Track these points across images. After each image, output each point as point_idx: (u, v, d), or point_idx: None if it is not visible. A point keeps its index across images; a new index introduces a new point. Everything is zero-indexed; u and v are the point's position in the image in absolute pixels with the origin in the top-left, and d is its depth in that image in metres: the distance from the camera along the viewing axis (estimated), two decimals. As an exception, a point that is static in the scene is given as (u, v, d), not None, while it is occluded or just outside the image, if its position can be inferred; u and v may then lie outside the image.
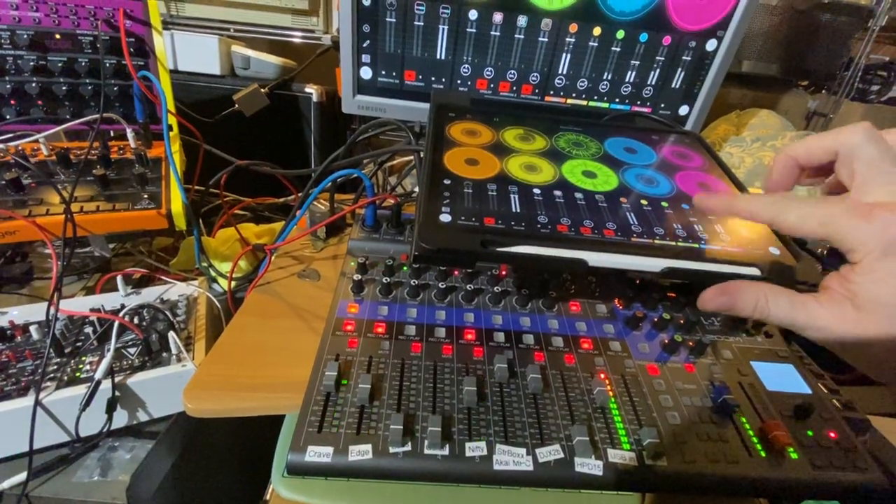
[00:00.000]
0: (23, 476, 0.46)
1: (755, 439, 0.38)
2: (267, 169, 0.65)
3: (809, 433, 0.39)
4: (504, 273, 0.50)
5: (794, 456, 0.37)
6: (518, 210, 0.38)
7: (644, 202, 0.42)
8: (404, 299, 0.46)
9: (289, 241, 0.56)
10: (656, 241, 0.37)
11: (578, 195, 0.41)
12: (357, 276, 0.46)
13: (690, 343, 0.45)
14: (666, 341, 0.45)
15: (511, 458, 0.34)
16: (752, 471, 0.36)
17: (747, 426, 0.39)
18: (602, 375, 0.41)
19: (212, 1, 0.97)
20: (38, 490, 0.47)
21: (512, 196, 0.39)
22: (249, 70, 0.93)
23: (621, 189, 0.43)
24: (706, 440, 0.37)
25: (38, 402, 0.45)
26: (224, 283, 0.67)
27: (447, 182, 0.39)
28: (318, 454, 0.33)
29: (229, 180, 0.72)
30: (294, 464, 0.33)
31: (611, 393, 0.39)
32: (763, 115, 0.92)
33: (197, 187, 0.74)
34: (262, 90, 0.90)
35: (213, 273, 0.66)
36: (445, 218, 0.35)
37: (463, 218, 0.36)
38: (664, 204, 0.42)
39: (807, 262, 0.36)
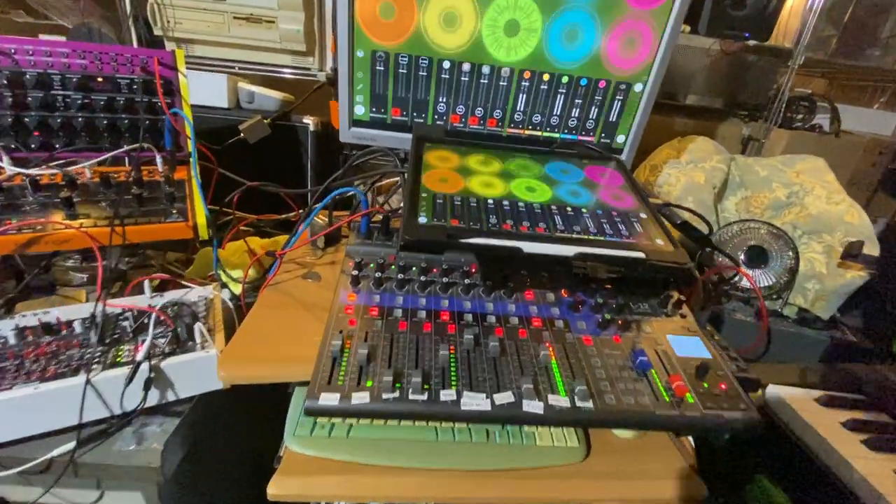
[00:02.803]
0: (71, 445, 0.55)
1: (662, 389, 0.50)
2: (273, 189, 0.77)
3: (705, 384, 0.51)
4: (474, 270, 0.62)
5: (690, 400, 0.49)
6: (475, 214, 0.50)
7: (569, 209, 0.55)
8: (392, 290, 0.57)
9: (295, 247, 0.67)
10: (574, 235, 0.49)
11: (520, 205, 0.54)
12: (355, 273, 0.58)
13: (619, 321, 0.57)
14: (600, 320, 0.57)
15: (474, 402, 0.45)
16: (658, 410, 0.47)
17: (657, 380, 0.51)
18: (547, 345, 0.52)
19: (220, 44, 1.10)
20: (84, 458, 0.56)
21: (471, 205, 0.52)
22: (254, 103, 1.06)
23: (553, 200, 0.56)
24: (625, 391, 0.49)
25: (88, 381, 0.55)
26: (234, 287, 0.77)
27: (424, 195, 0.52)
28: (328, 399, 0.43)
29: (238, 201, 0.83)
30: (310, 407, 0.43)
31: (553, 357, 0.51)
32: (700, 141, 1.08)
33: (210, 206, 0.85)
34: (265, 121, 1.02)
35: (226, 279, 0.76)
36: (422, 219, 0.48)
37: (435, 219, 0.48)
38: (584, 210, 0.55)
39: (680, 252, 0.49)
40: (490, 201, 0.55)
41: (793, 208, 0.88)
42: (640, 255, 0.48)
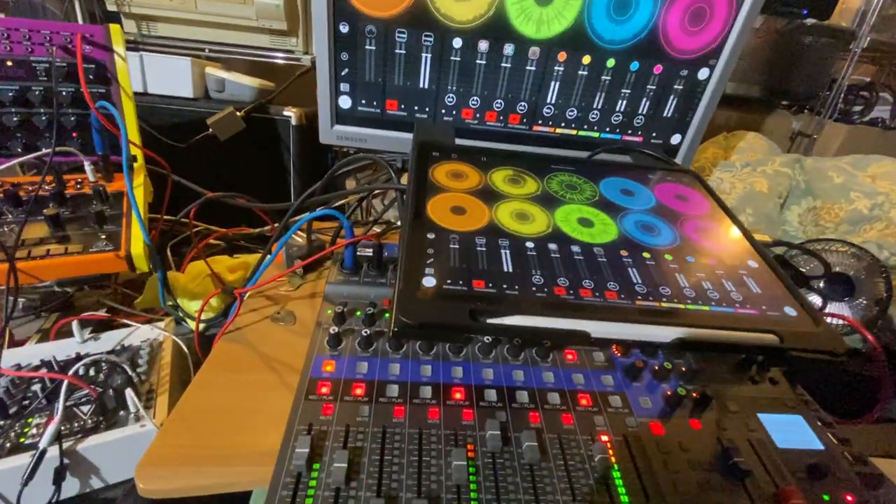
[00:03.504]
0: (-46, 560, 0.41)
1: (770, 509, 0.35)
2: (241, 202, 0.61)
3: (826, 497, 0.36)
4: (494, 319, 0.46)
5: (812, 527, 0.34)
6: (510, 269, 0.35)
7: (646, 255, 0.39)
8: (386, 353, 0.42)
9: (261, 283, 0.52)
10: (663, 304, 0.34)
11: (575, 248, 0.38)
12: (334, 329, 0.42)
13: (694, 395, 0.42)
14: (668, 393, 0.42)
15: (506, 548, 0.30)
16: (770, 548, 0.33)
17: (760, 494, 0.36)
18: (603, 437, 0.37)
19: (187, 21, 0.93)
20: (-28, 576, 0.42)
21: (503, 252, 0.36)
22: (224, 93, 0.89)
23: (621, 240, 0.40)
24: (718, 513, 0.34)
25: (-28, 477, 0.40)
26: (193, 324, 0.62)
27: (431, 236, 0.36)
28: (286, 552, 0.28)
29: (202, 208, 0.68)
30: (258, 565, 0.28)
31: (613, 459, 0.36)
32: (751, 139, 0.91)
33: (167, 217, 0.70)
34: (238, 113, 0.86)
35: (180, 314, 0.61)
36: (429, 282, 0.32)
37: (449, 281, 0.32)
38: (668, 256, 0.39)
39: (827, 328, 0.34)
40: (530, 244, 0.38)
41: (876, 223, 0.72)
42: (772, 338, 0.32)
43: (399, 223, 0.68)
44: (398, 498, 0.31)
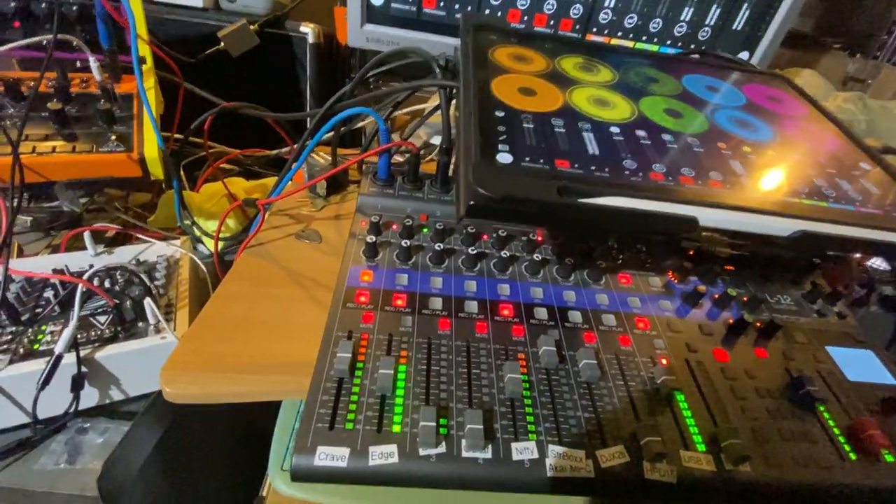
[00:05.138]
0: (-26, 462, 0.39)
1: (842, 439, 0.32)
2: (258, 112, 0.56)
3: (902, 431, 0.33)
4: (541, 238, 0.43)
5: (889, 459, 0.31)
6: (597, 152, 0.30)
7: (747, 149, 0.34)
8: (426, 266, 0.39)
9: (284, 195, 0.48)
10: (776, 197, 0.29)
11: (667, 136, 0.33)
12: (370, 238, 0.39)
13: (758, 324, 0.39)
14: (731, 321, 0.38)
15: (568, 463, 0.27)
16: (845, 477, 0.30)
17: (832, 423, 0.33)
18: (664, 361, 0.34)
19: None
20: (-5, 478, 0.40)
21: (585, 135, 0.31)
22: (236, 3, 0.82)
23: (716, 132, 0.35)
24: (790, 440, 0.31)
25: (-14, 379, 0.38)
26: (210, 243, 0.59)
27: (500, 114, 0.31)
28: (331, 456, 0.26)
29: (214, 130, 0.62)
30: (301, 468, 0.26)
31: (676, 382, 0.33)
32: (807, 76, 0.84)
33: (177, 135, 0.65)
34: (252, 27, 0.79)
35: (197, 232, 0.58)
36: (505, 158, 0.27)
37: (528, 159, 0.28)
38: (771, 152, 0.34)
39: None
40: (615, 129, 0.33)
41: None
42: None
43: (431, 142, 0.63)
44: (449, 409, 0.29)
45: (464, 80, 0.32)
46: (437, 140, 0.65)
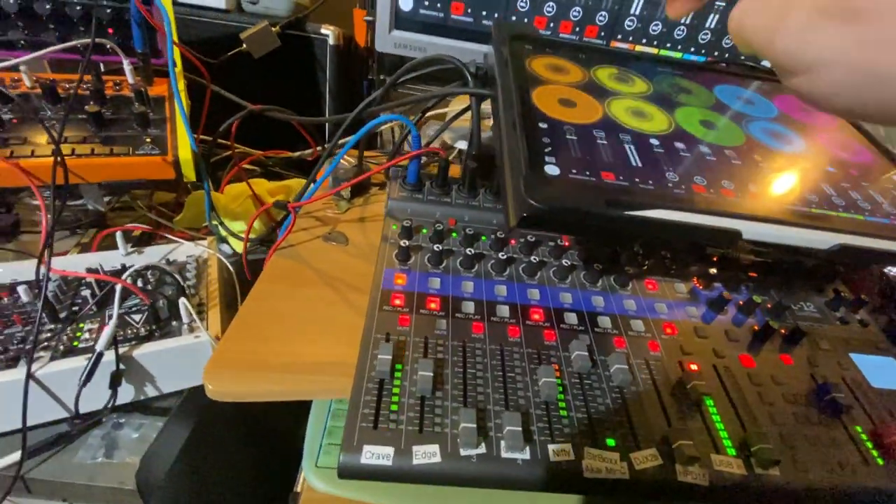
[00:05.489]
0: (17, 455, 0.41)
1: (869, 444, 0.33)
2: (285, 116, 0.57)
3: (925, 438, 0.34)
4: (567, 243, 0.43)
5: (913, 464, 0.32)
6: (639, 164, 0.31)
7: (783, 161, 0.35)
8: (457, 270, 0.40)
9: (314, 199, 0.49)
10: (813, 210, 0.30)
11: (705, 149, 0.34)
12: (403, 242, 0.40)
13: (783, 331, 0.39)
14: (757, 328, 0.39)
15: (604, 465, 0.28)
16: (871, 481, 0.31)
17: (858, 429, 0.34)
18: (693, 366, 0.35)
19: (214, -78, 0.85)
20: (35, 471, 0.42)
21: (627, 146, 0.32)
22: (258, 5, 0.83)
23: (751, 145, 0.36)
24: (817, 445, 0.32)
25: (30, 375, 0.39)
26: (235, 243, 0.60)
27: (543, 126, 0.32)
28: (377, 455, 0.27)
29: (236, 131, 0.64)
30: (348, 466, 0.27)
31: (705, 387, 0.34)
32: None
33: (203, 136, 0.66)
34: (273, 28, 0.80)
35: (223, 232, 0.59)
36: (552, 170, 0.28)
37: (574, 171, 0.29)
38: (806, 165, 0.35)
39: None
40: (655, 141, 0.34)
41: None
42: None
43: (456, 147, 0.64)
44: (486, 411, 0.30)
45: (502, 90, 0.33)
46: (459, 144, 0.66)
